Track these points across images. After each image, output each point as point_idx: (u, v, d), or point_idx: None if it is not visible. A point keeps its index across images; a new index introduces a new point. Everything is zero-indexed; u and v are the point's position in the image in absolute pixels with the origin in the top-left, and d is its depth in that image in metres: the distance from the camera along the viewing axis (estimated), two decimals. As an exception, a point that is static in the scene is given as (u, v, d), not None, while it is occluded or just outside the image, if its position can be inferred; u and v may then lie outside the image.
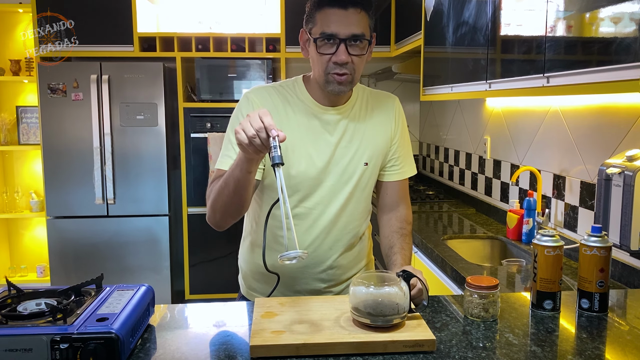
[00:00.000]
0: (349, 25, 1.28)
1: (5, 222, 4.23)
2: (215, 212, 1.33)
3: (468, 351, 1.05)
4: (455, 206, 3.12)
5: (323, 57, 1.31)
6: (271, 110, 1.37)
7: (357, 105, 1.45)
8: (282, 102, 1.40)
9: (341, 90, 1.34)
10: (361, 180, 1.44)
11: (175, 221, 3.99)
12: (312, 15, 1.33)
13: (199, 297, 3.96)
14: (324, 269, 1.45)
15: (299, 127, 1.39)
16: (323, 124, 1.40)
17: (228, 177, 1.24)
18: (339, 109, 1.42)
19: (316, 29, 1.31)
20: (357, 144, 1.43)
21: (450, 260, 2.00)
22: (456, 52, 2.47)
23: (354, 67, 1.32)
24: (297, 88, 1.43)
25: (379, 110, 1.48)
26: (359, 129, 1.44)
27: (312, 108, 1.41)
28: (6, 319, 1.00)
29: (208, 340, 1.12)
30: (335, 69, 1.30)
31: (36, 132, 4.06)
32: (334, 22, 1.28)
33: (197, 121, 3.82)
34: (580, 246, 1.25)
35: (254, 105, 1.39)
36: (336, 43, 1.29)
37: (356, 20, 1.29)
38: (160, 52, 3.80)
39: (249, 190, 1.27)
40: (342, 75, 1.31)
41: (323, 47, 1.30)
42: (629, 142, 1.72)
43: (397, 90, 4.29)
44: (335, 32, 1.28)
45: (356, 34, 1.29)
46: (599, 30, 1.43)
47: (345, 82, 1.32)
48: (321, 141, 1.40)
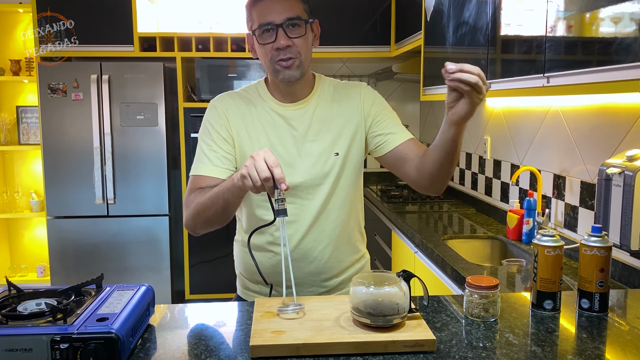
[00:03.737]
0: (282, 12, 1.34)
1: (6, 222, 4.23)
2: (197, 222, 1.35)
3: (468, 351, 1.05)
4: (456, 206, 3.12)
5: (265, 47, 1.36)
6: (235, 114, 1.43)
7: (321, 97, 1.47)
8: (246, 104, 1.45)
9: (291, 75, 1.37)
10: (333, 170, 1.44)
11: (175, 221, 3.99)
12: (249, 14, 1.39)
13: (199, 297, 3.96)
14: (312, 261, 1.46)
15: (264, 127, 1.43)
16: (287, 120, 1.43)
17: (216, 196, 1.26)
18: (300, 103, 1.45)
19: (255, 24, 1.37)
20: (324, 135, 1.44)
21: (451, 260, 2.00)
22: (456, 52, 2.47)
23: (298, 50, 1.36)
24: (259, 90, 1.48)
25: (346, 100, 1.48)
26: (325, 121, 1.45)
27: (275, 106, 1.44)
28: (6, 319, 1.00)
29: (208, 340, 1.12)
30: (279, 55, 1.35)
31: (36, 132, 4.06)
32: (268, 12, 1.34)
33: (197, 121, 3.80)
34: (580, 246, 1.25)
35: (218, 110, 1.44)
36: (274, 30, 1.33)
37: (289, 6, 1.35)
38: (161, 52, 3.80)
39: (237, 208, 1.32)
40: (288, 60, 1.35)
41: (263, 38, 1.36)
42: (629, 142, 1.72)
43: (397, 90, 4.29)
44: (271, 20, 1.34)
45: (290, 16, 1.34)
46: (599, 30, 1.43)
47: (293, 67, 1.36)
48: (287, 137, 1.42)
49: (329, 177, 1.44)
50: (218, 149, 1.41)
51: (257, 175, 1.10)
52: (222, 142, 1.41)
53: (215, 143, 1.41)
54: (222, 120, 1.43)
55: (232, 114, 1.43)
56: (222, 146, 1.41)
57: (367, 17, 3.87)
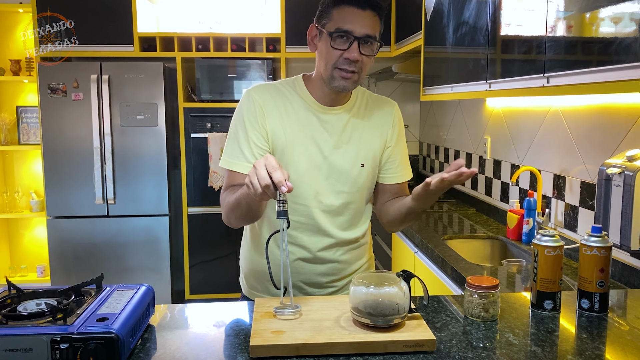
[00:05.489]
0: (364, 26, 1.32)
1: (6, 222, 4.23)
2: (230, 220, 1.38)
3: (468, 351, 1.05)
4: (456, 206, 3.12)
5: (335, 51, 1.34)
6: (272, 108, 1.41)
7: (356, 106, 1.47)
8: (282, 99, 1.43)
9: (345, 87, 1.36)
10: (358, 181, 1.45)
11: (175, 221, 3.99)
12: (327, 11, 1.35)
13: (199, 297, 3.96)
14: (324, 263, 1.47)
15: (298, 124, 1.41)
16: (322, 123, 1.42)
17: (240, 199, 1.27)
18: (338, 109, 1.44)
19: (331, 24, 1.34)
20: (354, 145, 1.44)
21: (451, 260, 2.00)
22: (456, 52, 2.47)
23: (361, 66, 1.35)
24: (297, 86, 1.45)
25: (378, 114, 1.50)
26: (357, 130, 1.45)
27: (312, 106, 1.43)
28: (6, 319, 1.00)
29: (208, 340, 1.12)
30: (345, 65, 1.33)
31: (36, 132, 4.06)
32: (351, 21, 1.32)
33: (197, 121, 3.82)
34: (580, 246, 1.25)
35: (255, 102, 1.41)
36: (350, 40, 1.32)
37: (371, 23, 1.33)
38: (161, 52, 3.80)
39: (261, 208, 1.32)
40: (350, 73, 1.34)
41: (337, 42, 1.33)
42: (629, 142, 1.72)
43: (397, 90, 4.29)
44: (351, 29, 1.31)
45: (370, 35, 1.33)
46: (599, 30, 1.43)
47: (351, 80, 1.36)
48: (320, 139, 1.41)
49: (353, 186, 1.45)
50: (253, 144, 1.38)
51: (258, 184, 1.10)
52: (257, 136, 1.39)
53: (250, 137, 1.39)
54: (258, 112, 1.40)
55: (268, 107, 1.40)
56: (256, 141, 1.39)
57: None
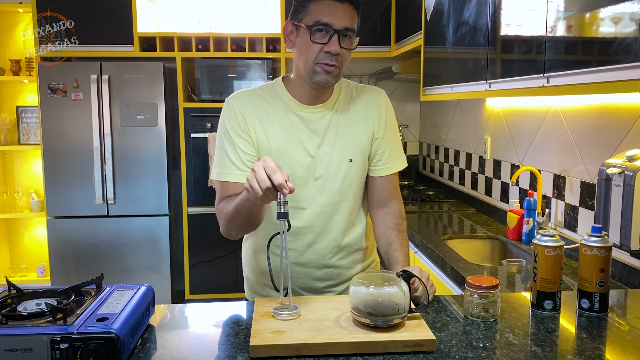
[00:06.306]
0: (343, 19, 1.31)
1: (5, 222, 4.23)
2: (230, 230, 1.37)
3: (468, 351, 1.05)
4: (456, 206, 3.12)
5: (315, 45, 1.32)
6: (252, 113, 1.40)
7: (339, 101, 1.46)
8: (263, 104, 1.42)
9: (327, 82, 1.34)
10: (347, 177, 1.43)
11: (175, 221, 3.99)
12: (304, 5, 1.33)
13: (199, 297, 3.96)
14: (319, 267, 1.45)
15: (281, 126, 1.40)
16: (305, 122, 1.41)
17: (240, 206, 1.26)
18: (320, 106, 1.42)
19: (309, 17, 1.32)
20: (340, 141, 1.43)
21: (451, 260, 2.00)
22: (456, 52, 2.47)
23: (342, 60, 1.34)
24: (277, 88, 1.44)
25: (364, 105, 1.47)
26: (341, 126, 1.43)
27: (293, 106, 1.41)
28: (6, 319, 1.00)
29: (208, 340, 1.12)
30: (326, 59, 1.32)
31: (36, 132, 4.06)
32: (330, 13, 1.30)
33: (197, 121, 3.82)
34: (580, 246, 1.25)
35: (235, 109, 1.41)
36: (329, 33, 1.30)
37: (350, 15, 1.32)
38: (161, 52, 3.80)
39: (262, 212, 1.31)
40: (331, 66, 1.32)
41: (316, 36, 1.31)
42: (629, 142, 1.72)
43: (397, 90, 4.29)
44: (331, 22, 1.30)
45: (349, 27, 1.32)
46: (599, 30, 1.43)
47: (332, 75, 1.34)
48: (305, 140, 1.40)
49: (343, 183, 1.43)
50: (241, 152, 1.38)
51: (258, 187, 1.09)
52: (243, 143, 1.38)
53: (237, 145, 1.38)
54: (240, 120, 1.39)
55: (248, 112, 1.40)
56: (244, 148, 1.38)
57: (367, 17, 3.87)
